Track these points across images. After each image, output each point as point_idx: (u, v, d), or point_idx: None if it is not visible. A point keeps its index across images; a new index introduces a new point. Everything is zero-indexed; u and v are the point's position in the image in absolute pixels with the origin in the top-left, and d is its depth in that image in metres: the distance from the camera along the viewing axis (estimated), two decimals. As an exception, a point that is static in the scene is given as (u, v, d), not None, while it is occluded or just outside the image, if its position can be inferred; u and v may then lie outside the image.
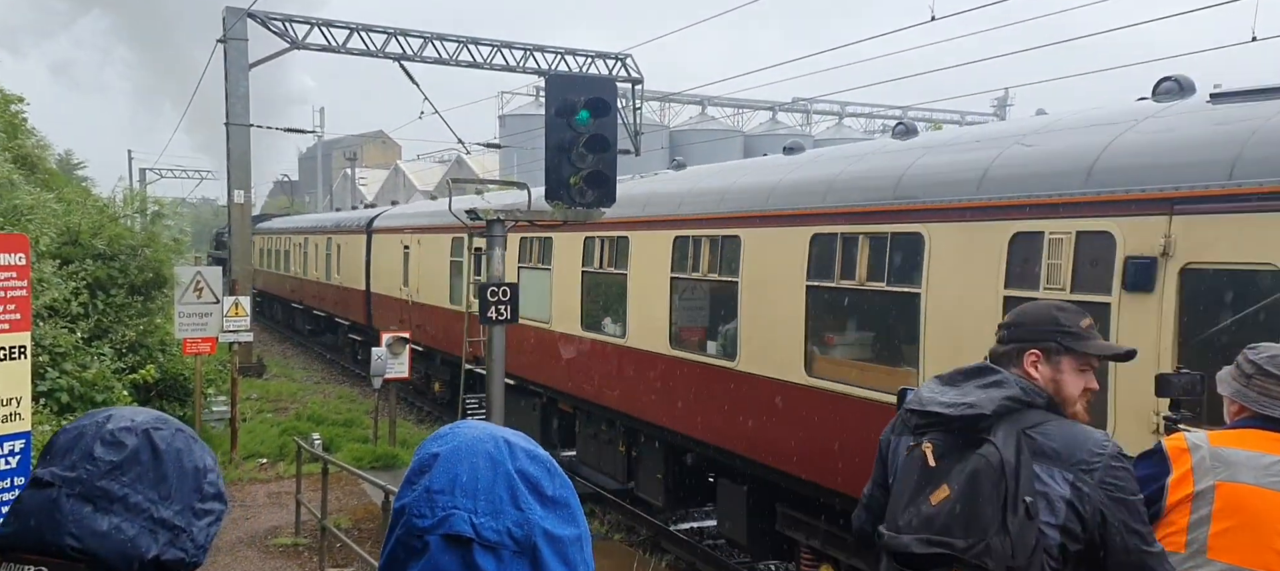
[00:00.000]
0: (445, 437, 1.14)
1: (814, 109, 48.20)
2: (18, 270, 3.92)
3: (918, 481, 2.36)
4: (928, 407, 2.42)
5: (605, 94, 7.62)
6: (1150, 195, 4.93)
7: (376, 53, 20.93)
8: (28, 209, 9.30)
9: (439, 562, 1.05)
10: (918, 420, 2.45)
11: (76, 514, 1.31)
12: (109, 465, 1.34)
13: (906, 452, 2.46)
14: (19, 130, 14.86)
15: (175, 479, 1.38)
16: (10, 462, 3.98)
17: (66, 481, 1.33)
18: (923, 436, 2.41)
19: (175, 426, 1.43)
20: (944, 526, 2.26)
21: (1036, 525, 2.21)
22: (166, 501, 1.36)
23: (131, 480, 1.34)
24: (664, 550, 9.91)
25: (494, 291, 7.98)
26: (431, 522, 1.06)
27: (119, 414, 1.41)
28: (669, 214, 9.33)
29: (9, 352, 3.90)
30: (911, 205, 6.48)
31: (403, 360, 13.34)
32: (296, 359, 25.44)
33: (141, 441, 1.37)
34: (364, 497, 11.13)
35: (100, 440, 1.35)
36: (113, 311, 10.98)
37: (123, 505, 1.33)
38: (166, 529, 1.36)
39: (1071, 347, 2.46)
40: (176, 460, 1.39)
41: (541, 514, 1.08)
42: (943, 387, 2.46)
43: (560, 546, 1.09)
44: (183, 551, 1.37)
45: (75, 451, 1.35)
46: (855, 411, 6.82)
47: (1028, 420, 2.33)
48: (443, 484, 1.08)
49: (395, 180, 65.76)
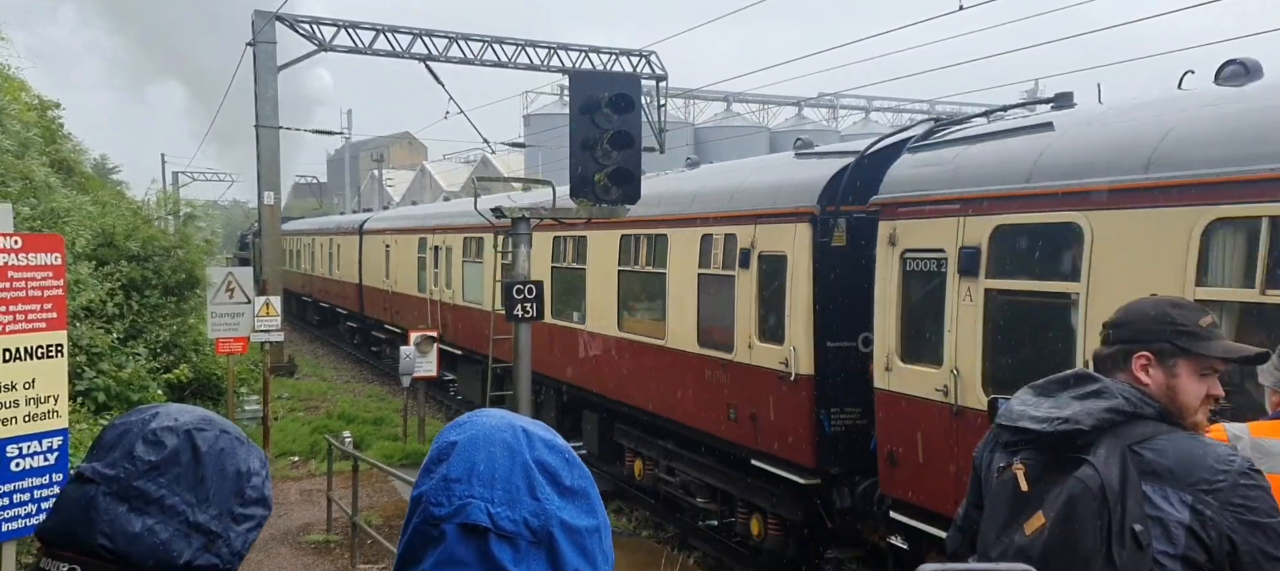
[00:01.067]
0: (463, 426, 1.13)
1: (840, 104, 47.88)
2: (53, 270, 4.00)
3: (1010, 507, 2.14)
4: (1017, 423, 2.18)
5: (629, 90, 7.62)
6: None
7: (402, 53, 21.09)
8: (64, 212, 9.49)
9: (455, 552, 1.04)
10: (1008, 436, 2.22)
11: (111, 513, 1.30)
12: (148, 464, 1.32)
13: (997, 474, 2.23)
14: (56, 135, 15.17)
15: (215, 482, 1.36)
16: (49, 459, 4.05)
17: (106, 478, 1.32)
18: (1014, 455, 2.19)
19: (220, 427, 1.41)
20: (1041, 559, 2.01)
21: (1149, 555, 1.95)
22: (204, 505, 1.34)
23: (169, 481, 1.32)
24: (692, 547, 9.89)
25: (520, 289, 8.01)
26: (448, 511, 1.05)
27: (165, 412, 1.39)
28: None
29: (46, 351, 3.98)
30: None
31: (431, 359, 13.45)
32: (327, 358, 25.73)
33: (183, 442, 1.35)
34: (394, 494, 11.23)
35: (142, 439, 1.34)
36: (147, 312, 11.17)
37: (158, 506, 1.31)
38: (201, 533, 1.34)
39: (1189, 349, 2.15)
40: (217, 462, 1.37)
41: (559, 504, 1.07)
42: (1036, 398, 2.22)
43: (578, 537, 1.07)
44: (217, 557, 1.36)
45: (118, 449, 1.34)
46: (648, 354, 9.81)
47: (1134, 434, 2.06)
48: (460, 472, 1.07)
49: (421, 181, 66.28)
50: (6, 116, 10.11)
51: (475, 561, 1.03)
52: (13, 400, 3.88)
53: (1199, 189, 4.63)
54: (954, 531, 2.51)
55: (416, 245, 18.30)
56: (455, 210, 17.15)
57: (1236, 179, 4.48)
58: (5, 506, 3.89)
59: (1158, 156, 4.87)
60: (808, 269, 7.52)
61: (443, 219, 17.33)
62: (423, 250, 17.90)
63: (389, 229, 21.05)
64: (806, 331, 7.54)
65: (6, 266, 3.86)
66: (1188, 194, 4.67)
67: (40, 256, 3.94)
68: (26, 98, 14.17)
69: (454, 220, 16.20)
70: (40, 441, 4.00)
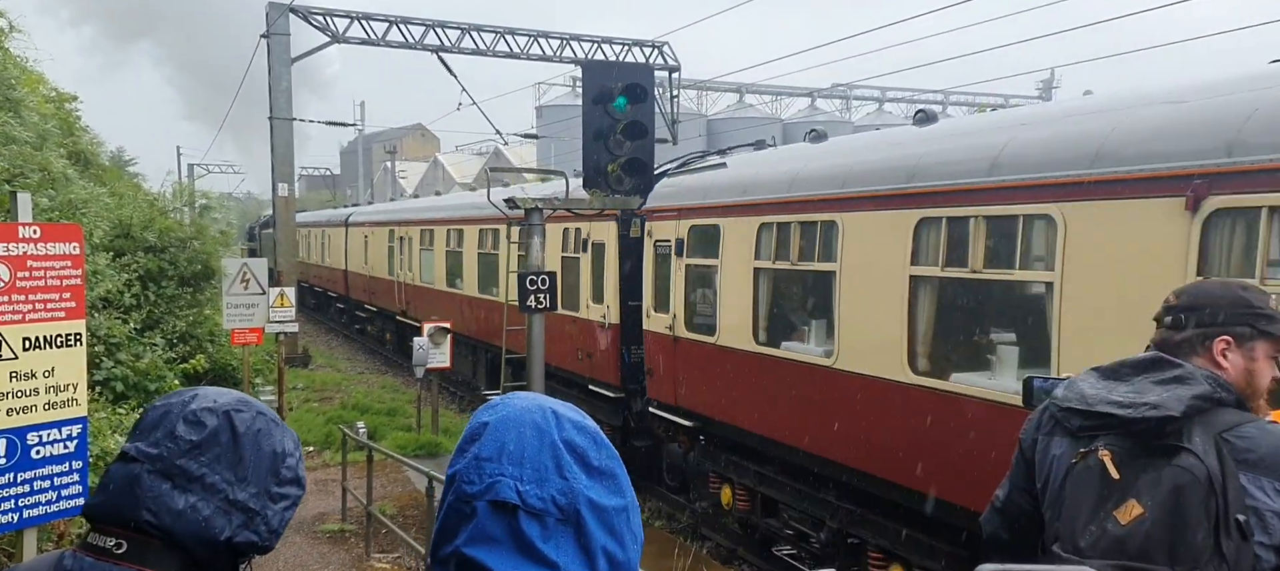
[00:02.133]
0: (496, 407, 1.17)
1: (853, 95, 47.62)
2: (72, 259, 4.03)
3: (1098, 494, 2.04)
4: (1095, 407, 2.09)
5: (642, 80, 7.62)
6: None
7: (415, 44, 21.12)
8: (82, 203, 9.56)
9: (486, 528, 1.07)
10: (1081, 421, 2.12)
11: (155, 490, 1.34)
12: (189, 444, 1.37)
13: (1076, 460, 2.11)
14: (73, 127, 15.27)
15: (253, 461, 1.40)
16: (68, 447, 4.10)
17: (149, 457, 1.36)
18: (1092, 441, 2.09)
19: (257, 409, 1.45)
20: (1141, 550, 1.94)
21: (1251, 547, 1.91)
22: (243, 483, 1.39)
23: (210, 460, 1.37)
24: (704, 537, 9.92)
25: (533, 280, 8.03)
26: (479, 489, 1.09)
27: (204, 394, 1.44)
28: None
29: (66, 340, 4.01)
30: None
31: (444, 350, 13.50)
32: (341, 350, 25.88)
33: (222, 422, 1.40)
34: (408, 484, 11.29)
35: (183, 419, 1.39)
36: (164, 302, 11.24)
37: (200, 484, 1.36)
38: (241, 511, 1.38)
39: (1269, 331, 2.11)
40: (255, 443, 1.41)
41: (586, 483, 1.10)
42: (1106, 382, 2.14)
43: (605, 515, 1.10)
44: (256, 534, 1.40)
45: (160, 428, 1.39)
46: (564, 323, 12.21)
47: (1222, 422, 2.00)
48: (491, 452, 1.10)
49: (434, 172, 66.43)
50: (25, 108, 10.18)
51: (505, 537, 1.07)
52: (33, 388, 3.92)
53: (757, 208, 8.17)
54: (992, 513, 2.42)
55: (386, 236, 21.96)
56: (414, 206, 21.97)
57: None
58: (26, 493, 3.94)
59: (753, 185, 8.36)
60: (616, 253, 10.95)
61: (405, 214, 21.15)
62: (392, 240, 21.42)
63: (367, 222, 24.46)
64: (615, 294, 11.04)
65: (26, 256, 3.89)
66: (759, 209, 8.16)
67: (59, 246, 3.98)
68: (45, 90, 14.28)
69: (412, 215, 20.29)
70: (60, 429, 4.04)
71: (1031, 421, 2.33)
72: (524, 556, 1.06)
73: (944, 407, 6.16)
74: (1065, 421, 2.18)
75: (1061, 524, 2.10)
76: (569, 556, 1.07)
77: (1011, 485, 2.36)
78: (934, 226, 6.27)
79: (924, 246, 6.37)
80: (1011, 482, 2.36)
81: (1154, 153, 5.00)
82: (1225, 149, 4.67)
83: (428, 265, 18.65)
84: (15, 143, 8.72)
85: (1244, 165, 4.55)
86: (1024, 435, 2.34)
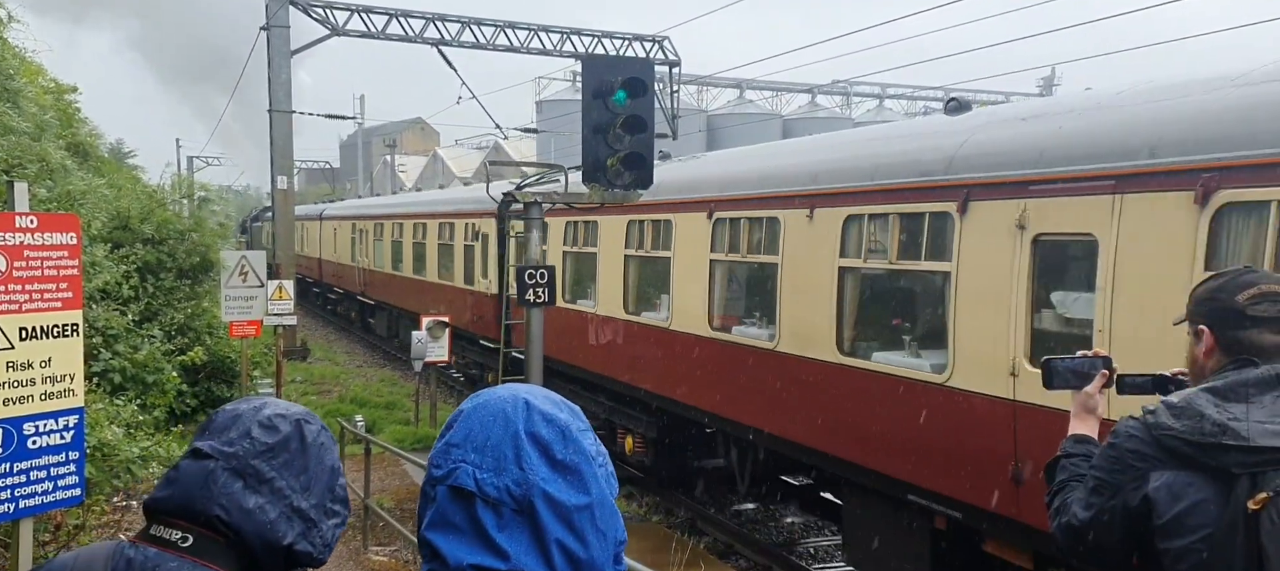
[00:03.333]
0: (477, 396, 1.18)
1: (853, 91, 47.57)
2: (69, 249, 4.02)
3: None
4: (1259, 442, 1.84)
5: (642, 74, 7.59)
6: None
7: (415, 38, 21.08)
8: (80, 194, 9.55)
9: (446, 512, 1.08)
10: (1240, 457, 1.85)
11: (228, 487, 1.38)
12: (264, 446, 1.41)
13: (1257, 507, 1.82)
14: (72, 119, 15.24)
15: (316, 472, 1.45)
16: (65, 437, 4.09)
17: (224, 455, 1.40)
18: (1257, 479, 1.83)
19: (320, 424, 1.50)
20: None
21: None
22: (306, 493, 1.43)
23: (280, 465, 1.41)
24: (702, 532, 9.92)
25: (531, 274, 8.02)
26: (442, 473, 1.10)
27: (274, 402, 1.49)
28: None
29: (62, 330, 4.01)
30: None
31: (443, 344, 13.49)
32: (339, 343, 25.87)
33: (293, 430, 1.44)
34: (406, 478, 11.29)
35: (258, 422, 1.44)
36: (162, 295, 11.23)
37: (269, 488, 1.39)
38: (302, 519, 1.42)
39: None
40: (320, 455, 1.46)
41: (545, 475, 1.09)
42: (1236, 406, 1.91)
43: (563, 511, 1.08)
44: (312, 545, 1.43)
45: (234, 429, 1.42)
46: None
47: None
48: (459, 438, 1.12)
49: (434, 166, 66.34)
50: (23, 99, 10.16)
51: (464, 523, 1.07)
52: (29, 378, 3.92)
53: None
54: (1073, 535, 2.15)
55: (350, 229, 26.38)
56: (370, 203, 28.18)
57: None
58: (23, 483, 3.93)
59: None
60: (495, 240, 13.28)
61: (362, 210, 26.24)
62: (354, 232, 25.78)
63: (335, 217, 29.03)
64: (495, 270, 13.69)
65: (23, 246, 3.88)
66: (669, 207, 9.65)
67: (56, 236, 3.97)
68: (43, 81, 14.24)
69: (368, 212, 25.23)
70: (56, 419, 4.03)
71: (1121, 450, 2.04)
72: (479, 543, 1.06)
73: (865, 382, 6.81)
74: (1204, 457, 1.90)
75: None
76: (522, 548, 1.06)
77: (1095, 513, 2.08)
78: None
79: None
80: (1095, 511, 2.08)
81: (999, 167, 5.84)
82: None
83: (381, 253, 22.66)
84: (13, 133, 8.71)
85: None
86: (1114, 469, 2.05)
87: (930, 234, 6.14)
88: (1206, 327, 2.10)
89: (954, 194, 5.86)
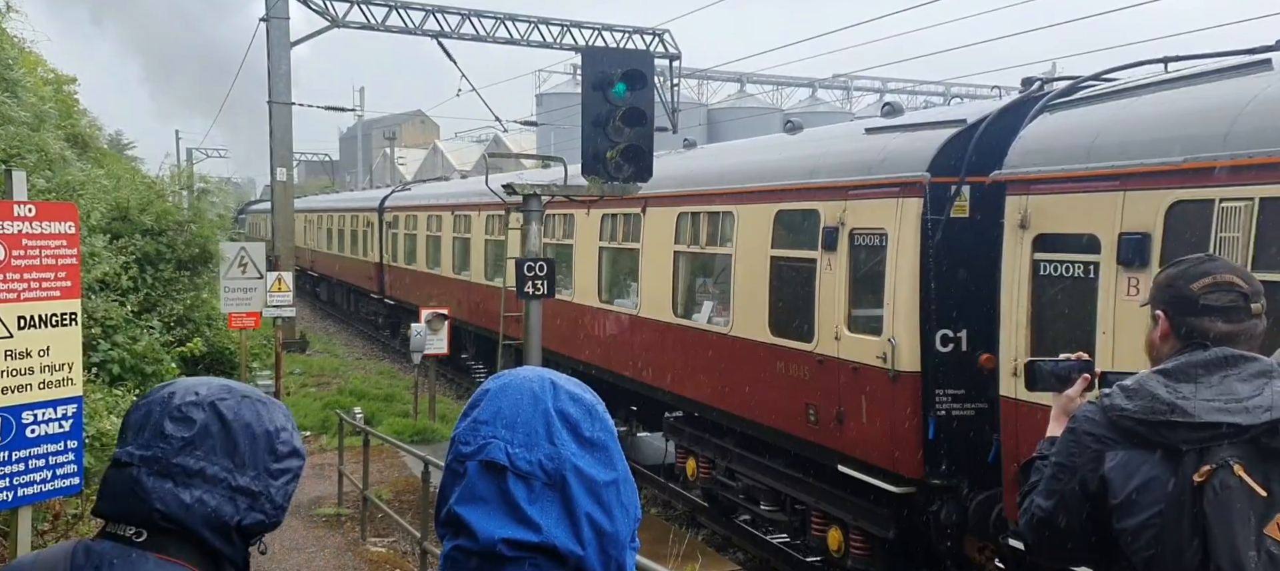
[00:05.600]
0: (501, 377, 1.20)
1: (854, 85, 47.51)
2: (67, 238, 4.02)
3: (1247, 515, 1.87)
4: (1204, 417, 1.92)
5: (642, 66, 7.58)
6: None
7: (415, 29, 21.03)
8: (79, 185, 9.53)
9: (475, 487, 1.10)
10: (1187, 433, 1.93)
11: (159, 490, 1.36)
12: (181, 441, 1.38)
13: (1200, 478, 1.89)
14: (71, 110, 15.20)
15: (247, 446, 1.41)
16: (63, 426, 4.09)
17: (143, 460, 1.37)
18: (1203, 456, 1.91)
19: (241, 393, 1.46)
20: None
21: None
22: (242, 469, 1.40)
23: (205, 454, 1.38)
24: (700, 525, 9.94)
25: (531, 266, 8.02)
26: (473, 449, 1.12)
27: (182, 387, 1.44)
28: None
29: (60, 319, 4.00)
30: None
31: (442, 336, 13.49)
32: (338, 336, 25.89)
33: (209, 415, 1.40)
34: (405, 470, 11.31)
35: (169, 417, 1.39)
36: (161, 285, 11.21)
37: (201, 478, 1.37)
38: (245, 495, 1.40)
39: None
40: (246, 428, 1.42)
41: (575, 450, 1.12)
42: (1186, 386, 1.98)
43: (592, 485, 1.12)
44: (262, 513, 1.42)
45: (147, 429, 1.39)
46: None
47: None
48: (487, 416, 1.14)
49: (433, 159, 66.27)
50: (21, 89, 10.13)
51: (494, 498, 1.09)
52: (28, 367, 3.92)
53: None
54: (1039, 526, 2.20)
55: (318, 221, 31.48)
56: (335, 198, 33.93)
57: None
58: (21, 472, 3.94)
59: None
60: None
61: (329, 205, 31.41)
62: (333, 224, 29.90)
63: (306, 209, 33.13)
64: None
65: (21, 234, 3.88)
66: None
67: (54, 225, 3.96)
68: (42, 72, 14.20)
69: (333, 206, 30.23)
70: (55, 408, 4.03)
71: (1079, 433, 2.12)
72: (509, 516, 1.08)
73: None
74: (1155, 435, 1.98)
75: (1218, 553, 1.87)
76: (552, 520, 1.09)
77: (1058, 499, 2.14)
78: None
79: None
80: (1058, 497, 2.14)
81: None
82: None
83: (341, 240, 27.62)
84: (12, 123, 8.69)
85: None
86: (1072, 452, 2.12)
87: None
88: (1162, 313, 2.18)
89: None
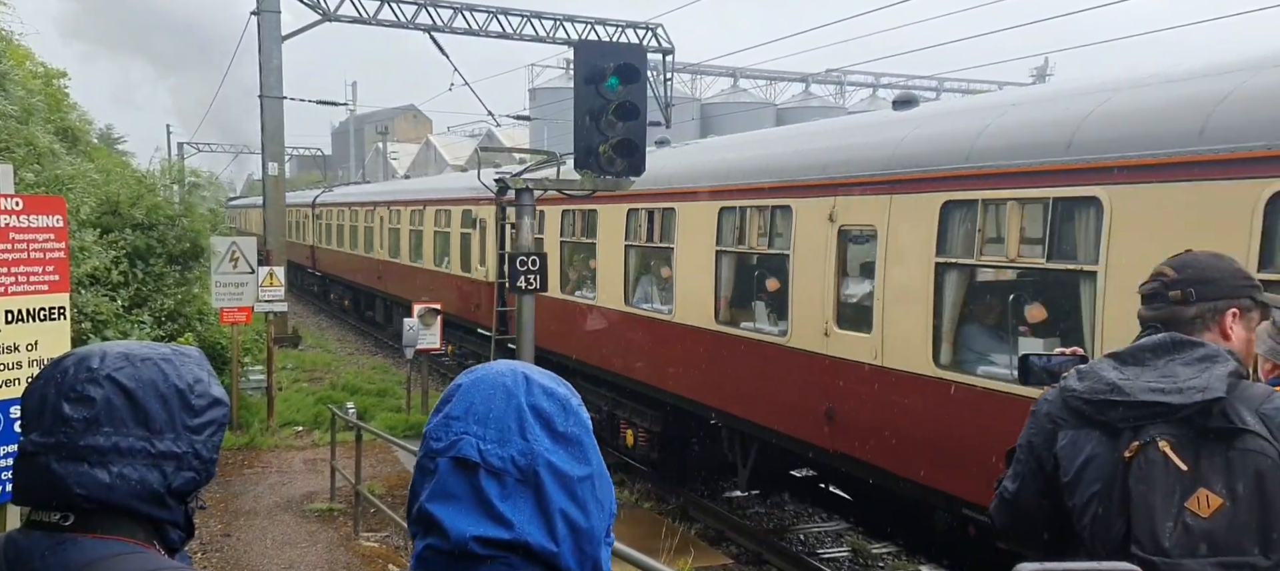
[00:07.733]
0: (473, 371, 1.18)
1: (847, 80, 47.53)
2: (55, 232, 3.99)
3: (1168, 488, 1.93)
4: (1139, 397, 1.98)
5: (635, 60, 7.56)
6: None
7: (407, 23, 20.94)
8: (69, 178, 9.48)
9: (447, 484, 1.08)
10: (1124, 412, 2.01)
11: (73, 473, 1.27)
12: (84, 422, 1.29)
13: (1130, 454, 1.97)
14: (61, 104, 15.10)
15: (159, 410, 1.33)
16: (52, 421, 4.06)
17: (48, 448, 1.28)
18: (1137, 433, 1.98)
19: (140, 356, 1.36)
20: (1233, 543, 1.88)
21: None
22: (159, 435, 1.32)
23: (113, 429, 1.29)
24: (693, 519, 9.95)
25: (523, 261, 8.00)
26: (443, 445, 1.10)
27: (77, 362, 1.34)
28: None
29: (49, 313, 3.98)
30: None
31: (434, 331, 13.46)
32: (331, 331, 25.81)
33: (109, 388, 1.31)
34: (397, 465, 11.28)
35: (65, 399, 1.30)
36: (152, 280, 11.17)
37: (116, 454, 1.29)
38: (169, 459, 1.33)
39: (1263, 302, 2.14)
40: (153, 392, 1.33)
41: (548, 446, 1.10)
42: (1130, 368, 2.05)
43: (566, 481, 1.10)
44: (192, 472, 1.36)
45: (46, 415, 1.30)
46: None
47: (1253, 397, 1.96)
48: (459, 411, 1.12)
49: (426, 154, 66.08)
50: (10, 82, 10.06)
51: (465, 494, 1.07)
52: (15, 362, 3.89)
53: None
54: (1004, 506, 2.28)
55: (299, 215, 33.38)
56: (300, 196, 34.65)
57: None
58: (8, 467, 3.91)
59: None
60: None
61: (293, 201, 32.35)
62: (317, 220, 31.72)
63: (292, 203, 34.36)
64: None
65: (8, 228, 3.85)
66: None
67: (41, 218, 3.93)
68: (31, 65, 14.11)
69: (298, 202, 32.50)
70: (43, 403, 4.01)
71: (1039, 415, 2.21)
72: (482, 513, 1.06)
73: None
74: (1097, 414, 2.06)
75: (1137, 524, 1.95)
76: (525, 516, 1.07)
77: (1021, 480, 2.23)
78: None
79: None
80: (1021, 478, 2.23)
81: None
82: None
83: (301, 231, 30.95)
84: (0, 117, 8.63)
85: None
86: (1032, 432, 2.22)
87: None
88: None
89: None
